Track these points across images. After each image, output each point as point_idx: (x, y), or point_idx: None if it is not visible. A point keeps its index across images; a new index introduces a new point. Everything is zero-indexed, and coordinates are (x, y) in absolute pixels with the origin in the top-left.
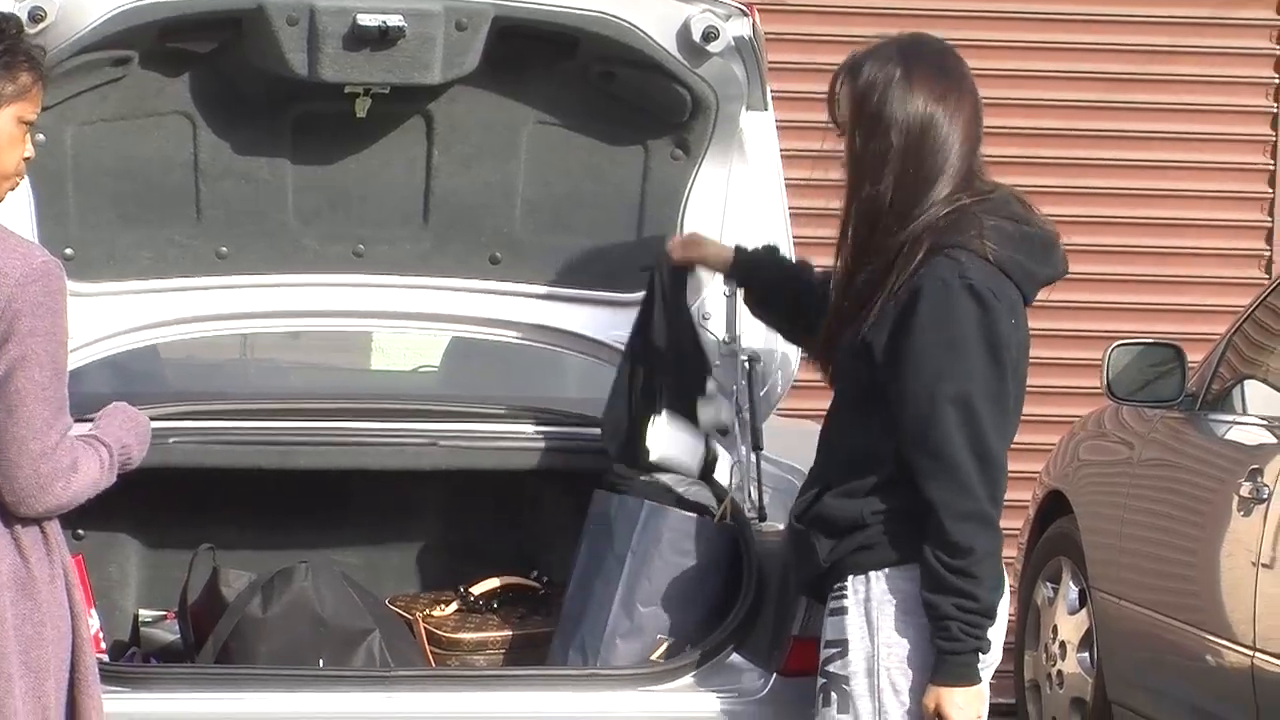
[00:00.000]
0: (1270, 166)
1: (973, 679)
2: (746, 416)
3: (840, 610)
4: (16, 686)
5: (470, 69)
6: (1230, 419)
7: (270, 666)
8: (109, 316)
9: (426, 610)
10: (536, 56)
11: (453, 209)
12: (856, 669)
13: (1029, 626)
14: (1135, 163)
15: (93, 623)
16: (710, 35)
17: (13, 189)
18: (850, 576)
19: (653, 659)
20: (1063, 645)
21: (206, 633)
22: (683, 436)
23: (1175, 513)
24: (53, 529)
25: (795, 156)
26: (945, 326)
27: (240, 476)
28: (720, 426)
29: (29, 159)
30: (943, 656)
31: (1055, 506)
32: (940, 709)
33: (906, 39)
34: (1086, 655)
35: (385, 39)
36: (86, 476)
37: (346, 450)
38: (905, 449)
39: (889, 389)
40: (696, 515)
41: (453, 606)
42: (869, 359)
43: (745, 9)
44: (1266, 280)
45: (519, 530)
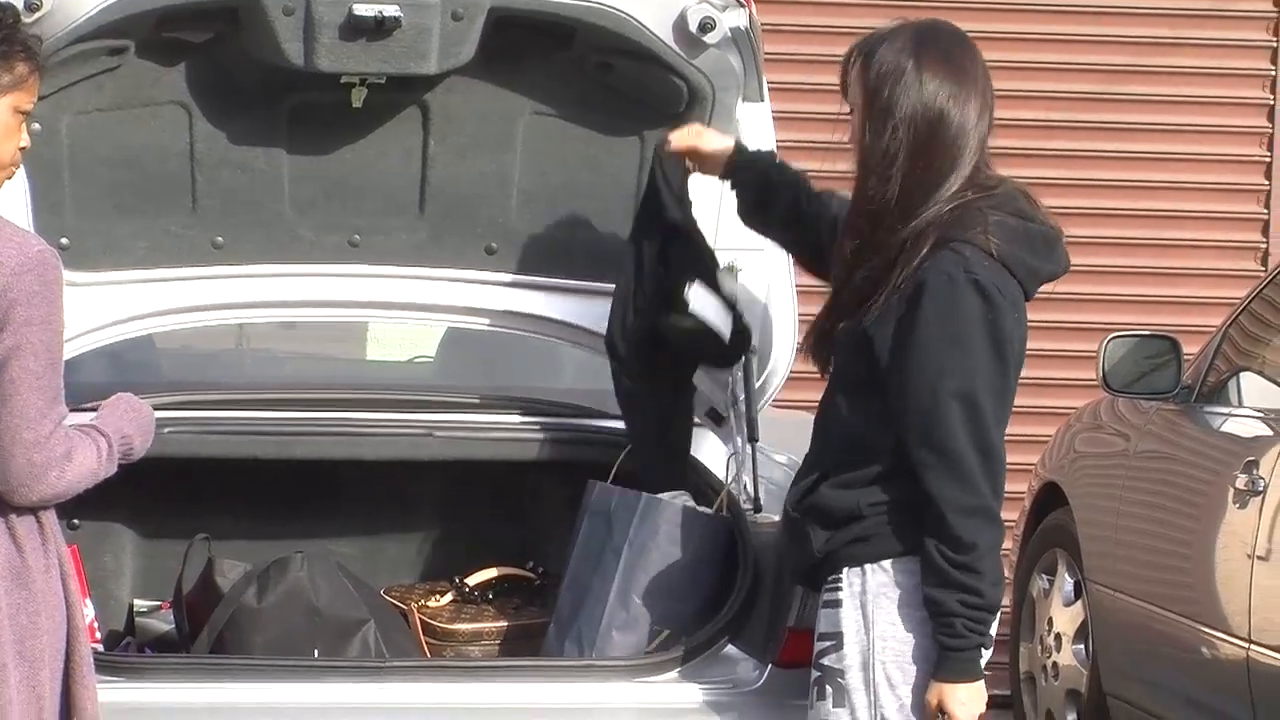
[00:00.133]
0: (1267, 159)
1: (976, 675)
2: (743, 408)
3: (835, 603)
4: (11, 676)
5: (466, 59)
6: (1226, 411)
7: (265, 657)
8: (104, 306)
9: (422, 601)
10: (533, 47)
11: (449, 199)
12: (851, 662)
13: (1024, 618)
14: (1131, 154)
15: (87, 613)
16: (707, 26)
17: (9, 178)
18: (845, 569)
19: (648, 650)
20: (1058, 637)
21: (201, 623)
22: (713, 301)
23: (1171, 505)
24: (48, 519)
25: (791, 148)
26: (950, 321)
27: (236, 466)
28: (715, 417)
29: (25, 149)
30: (946, 652)
31: (1051, 498)
32: (943, 705)
33: (924, 27)
34: (1082, 647)
35: (381, 29)
36: (82, 466)
37: (342, 440)
38: (907, 443)
39: (890, 382)
40: (693, 507)
41: (448, 597)
42: (869, 351)
43: (742, 0)
44: (1263, 272)
45: (515, 521)
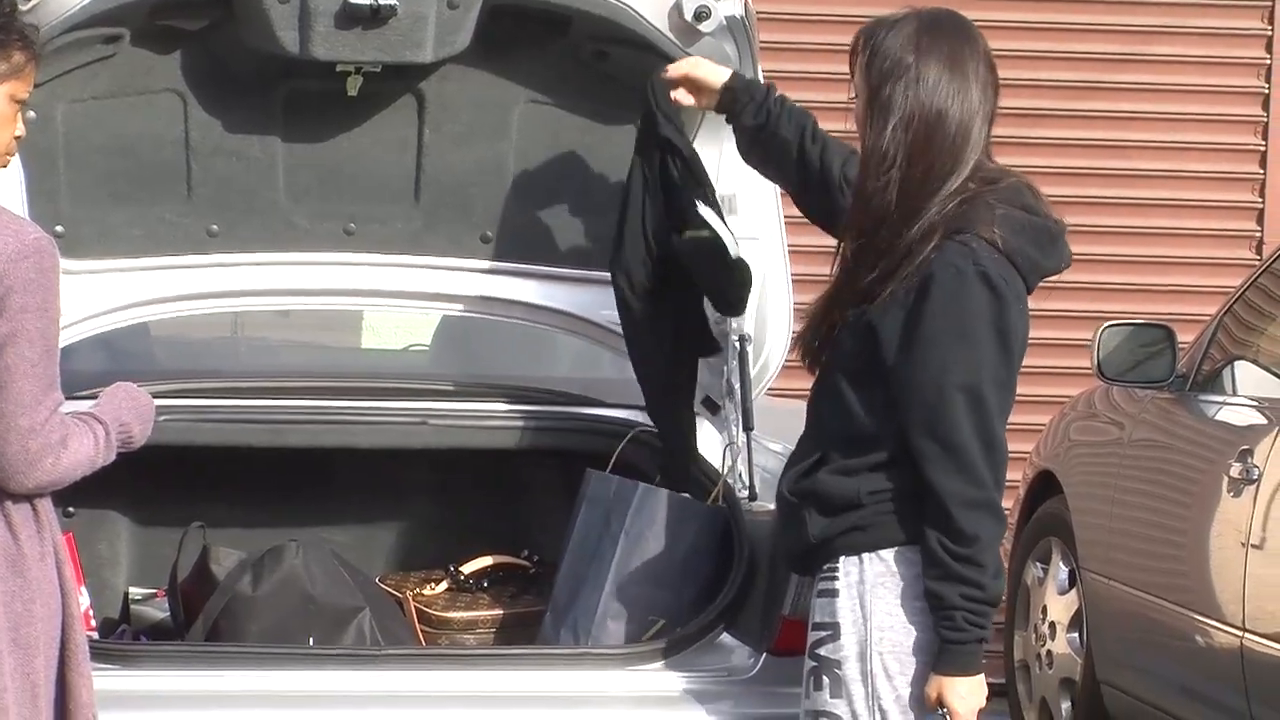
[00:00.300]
0: (1261, 147)
1: (976, 668)
2: (738, 396)
3: (831, 592)
4: (6, 663)
5: (462, 48)
6: (1221, 400)
7: (260, 645)
8: (99, 294)
9: (417, 589)
10: (528, 35)
11: (444, 188)
12: (848, 653)
13: (1018, 607)
14: (1126, 143)
15: (83, 600)
16: (702, 14)
17: (4, 166)
18: (842, 557)
19: (644, 639)
20: (1052, 625)
21: (197, 611)
22: (717, 217)
23: (1165, 493)
24: (44, 506)
25: None
26: (957, 314)
27: (231, 455)
28: (711, 406)
29: (20, 137)
30: (946, 646)
31: (1045, 487)
32: (943, 698)
33: (929, 19)
34: (1076, 635)
35: (377, 17)
36: (78, 453)
37: (337, 429)
38: (911, 434)
39: (895, 372)
40: (689, 496)
41: (443, 585)
42: (873, 339)
43: None
44: (1257, 261)
45: (510, 509)
